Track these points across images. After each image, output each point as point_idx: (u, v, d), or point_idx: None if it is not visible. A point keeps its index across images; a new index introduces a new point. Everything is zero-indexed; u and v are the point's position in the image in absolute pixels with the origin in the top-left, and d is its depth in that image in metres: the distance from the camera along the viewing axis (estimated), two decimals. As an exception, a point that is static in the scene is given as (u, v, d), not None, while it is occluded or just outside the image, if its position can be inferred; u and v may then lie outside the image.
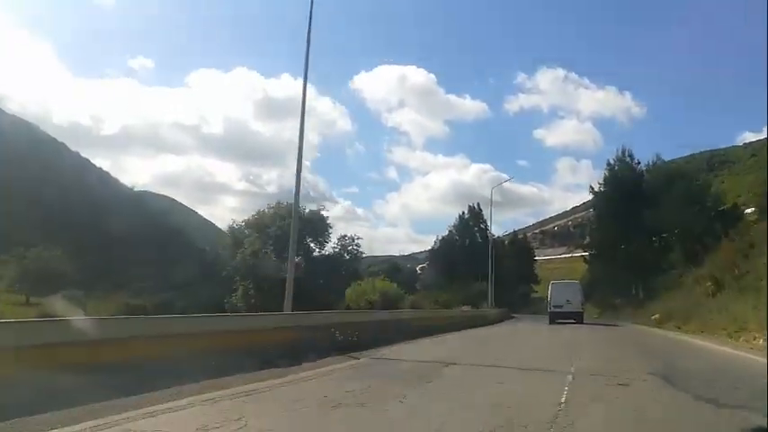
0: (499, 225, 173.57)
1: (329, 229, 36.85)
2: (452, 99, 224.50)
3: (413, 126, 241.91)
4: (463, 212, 73.56)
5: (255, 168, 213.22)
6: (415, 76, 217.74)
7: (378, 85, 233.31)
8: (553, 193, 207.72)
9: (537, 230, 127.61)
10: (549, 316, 28.05)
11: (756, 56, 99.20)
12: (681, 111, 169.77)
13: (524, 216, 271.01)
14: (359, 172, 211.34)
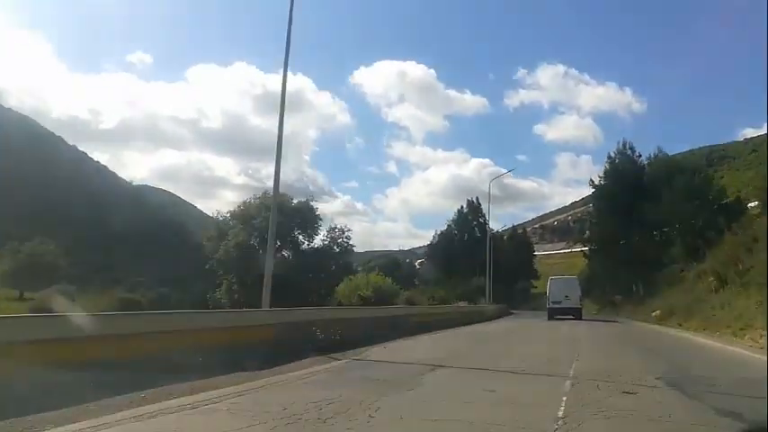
0: (499, 220, 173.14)
1: (319, 221, 34.67)
2: (452, 94, 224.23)
3: (413, 121, 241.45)
4: (462, 207, 72.96)
5: (254, 163, 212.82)
6: (415, 71, 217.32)
7: (377, 79, 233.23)
8: (553, 189, 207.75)
9: (536, 225, 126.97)
10: (547, 311, 28.29)
11: (757, 52, 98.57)
12: (681, 106, 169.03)
13: (524, 211, 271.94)
14: (358, 166, 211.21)
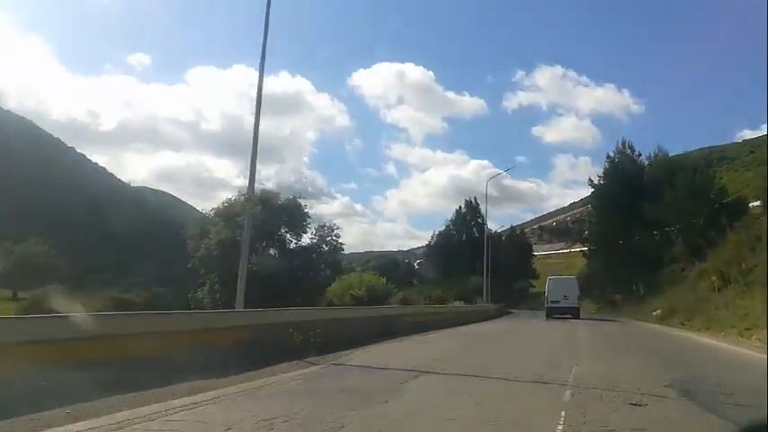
0: (498, 221, 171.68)
1: (307, 219, 33.47)
2: (451, 96, 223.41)
3: (411, 122, 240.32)
4: (460, 207, 72.39)
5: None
6: (414, 73, 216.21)
7: (376, 82, 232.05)
8: (552, 190, 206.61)
9: (535, 226, 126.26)
10: (545, 311, 28.97)
11: (755, 53, 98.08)
12: (679, 108, 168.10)
13: (523, 212, 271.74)
14: (357, 168, 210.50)
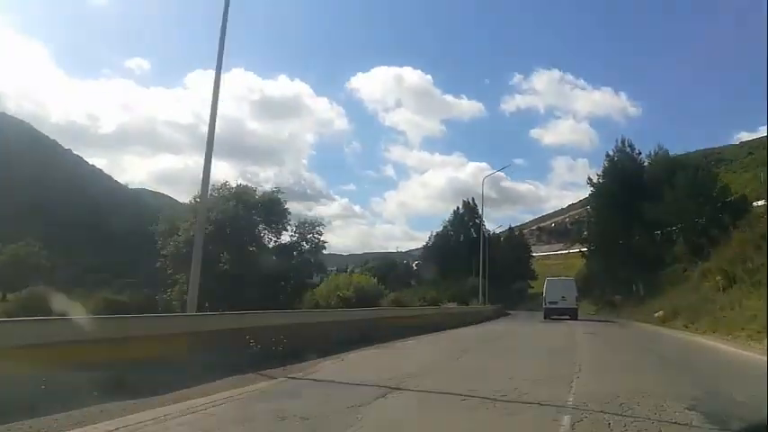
0: (496, 223, 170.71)
1: (288, 215, 31.29)
2: (449, 99, 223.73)
3: (410, 125, 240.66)
4: (458, 208, 71.63)
5: (252, 166, 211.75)
6: (412, 76, 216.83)
7: (375, 85, 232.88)
8: (550, 192, 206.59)
9: (534, 227, 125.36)
10: (543, 311, 29.36)
11: (753, 54, 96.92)
12: (676, 110, 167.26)
13: (521, 213, 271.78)
14: (356, 170, 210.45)
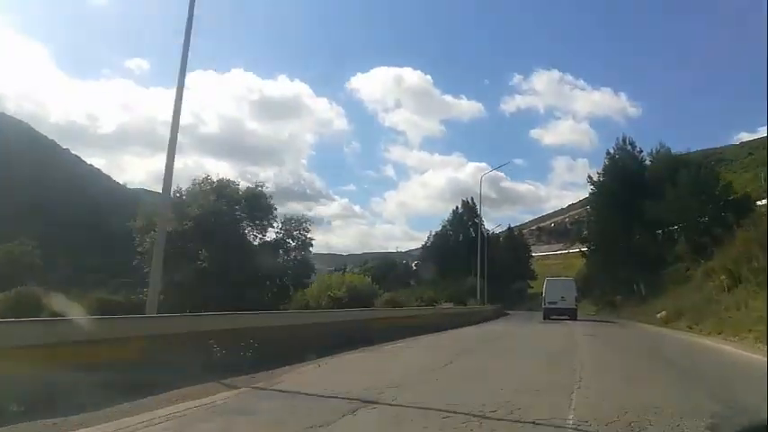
0: (496, 223, 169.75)
1: (273, 211, 30.24)
2: (448, 100, 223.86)
3: (409, 126, 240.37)
4: (457, 207, 71.26)
5: (251, 167, 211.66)
6: (411, 77, 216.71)
7: (374, 85, 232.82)
8: (550, 192, 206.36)
9: (534, 227, 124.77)
10: (543, 312, 29.35)
11: (753, 55, 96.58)
12: (676, 110, 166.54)
13: (521, 213, 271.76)
14: (356, 170, 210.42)
